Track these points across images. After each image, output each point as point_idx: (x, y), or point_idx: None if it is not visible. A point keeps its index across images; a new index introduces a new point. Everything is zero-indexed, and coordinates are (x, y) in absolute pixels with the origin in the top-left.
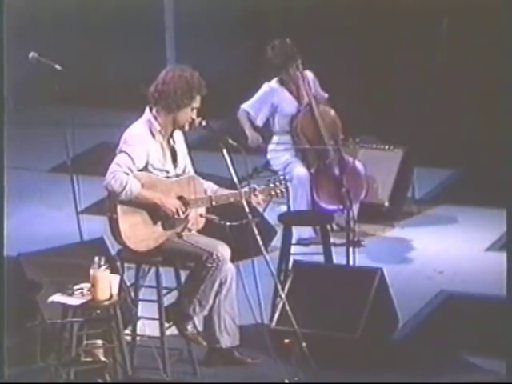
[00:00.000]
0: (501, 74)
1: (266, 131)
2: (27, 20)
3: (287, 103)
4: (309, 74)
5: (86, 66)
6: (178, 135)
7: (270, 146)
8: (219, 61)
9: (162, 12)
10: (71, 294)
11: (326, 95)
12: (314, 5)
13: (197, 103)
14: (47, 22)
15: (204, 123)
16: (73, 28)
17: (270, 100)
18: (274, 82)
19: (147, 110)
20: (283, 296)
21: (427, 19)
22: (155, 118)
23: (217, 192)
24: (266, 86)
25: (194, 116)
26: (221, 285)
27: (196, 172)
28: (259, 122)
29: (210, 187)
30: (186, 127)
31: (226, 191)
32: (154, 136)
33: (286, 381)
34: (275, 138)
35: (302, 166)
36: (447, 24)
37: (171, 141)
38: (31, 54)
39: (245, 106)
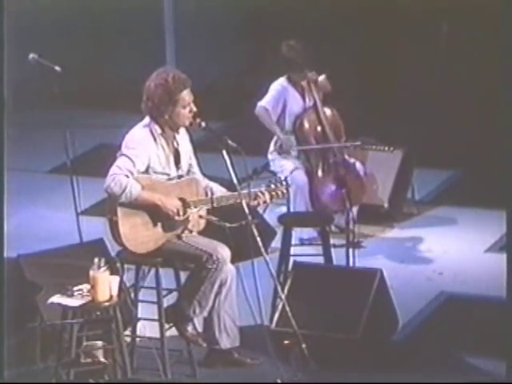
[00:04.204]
0: (500, 74)
1: (267, 132)
2: (27, 21)
3: (295, 102)
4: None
5: (86, 68)
6: (183, 135)
7: (273, 147)
8: (219, 61)
9: (162, 13)
10: (71, 295)
11: (323, 75)
12: (315, 5)
13: (186, 100)
14: (47, 23)
15: (203, 124)
16: (73, 29)
17: (282, 99)
18: (282, 81)
19: None
20: (283, 297)
21: (427, 20)
22: (155, 121)
23: (225, 194)
24: (277, 85)
25: (193, 109)
26: (221, 286)
27: (202, 172)
28: (275, 116)
29: (220, 190)
30: (187, 123)
31: (233, 194)
32: (155, 139)
33: (279, 381)
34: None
35: (301, 171)
36: (447, 25)
37: (175, 142)
38: (31, 56)
39: (262, 102)
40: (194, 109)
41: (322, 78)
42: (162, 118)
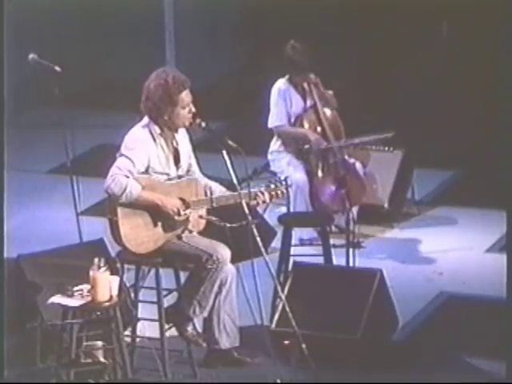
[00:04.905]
0: (500, 75)
1: (267, 132)
2: (27, 21)
3: (295, 103)
4: (312, 76)
5: (86, 67)
6: (182, 135)
7: (273, 147)
8: (219, 61)
9: (162, 12)
10: (71, 296)
11: (331, 92)
12: (315, 6)
13: (185, 100)
14: (47, 23)
15: (203, 125)
16: (73, 29)
17: (284, 102)
18: (282, 83)
19: None
20: (283, 297)
21: (427, 21)
22: (154, 121)
23: (225, 194)
24: (276, 90)
25: (193, 110)
26: (220, 286)
27: (201, 172)
28: (283, 123)
29: (219, 188)
30: (186, 123)
31: (234, 193)
32: (154, 139)
33: (278, 381)
34: (279, 139)
35: (301, 171)
36: (447, 25)
37: (174, 142)
38: (31, 56)
39: (275, 122)
40: (193, 109)
41: (329, 93)
42: (162, 118)
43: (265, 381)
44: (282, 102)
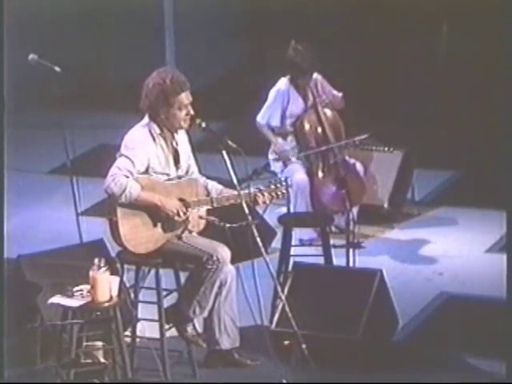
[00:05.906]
0: (501, 75)
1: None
2: (27, 21)
3: (295, 104)
4: (317, 76)
5: (86, 68)
6: (182, 135)
7: (273, 147)
8: (219, 61)
9: (162, 12)
10: (71, 296)
11: (340, 94)
12: (315, 6)
13: (182, 102)
14: (47, 23)
15: (203, 125)
16: (73, 29)
17: (279, 103)
18: (282, 83)
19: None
20: (283, 297)
21: (427, 21)
22: (154, 120)
23: (222, 192)
24: (274, 90)
25: (191, 112)
26: (221, 286)
27: (200, 172)
28: (276, 123)
29: (215, 187)
30: (183, 125)
31: (231, 191)
32: (154, 139)
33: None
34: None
35: (302, 171)
36: (447, 25)
37: (174, 142)
38: (31, 56)
39: (258, 117)
40: (192, 112)
41: (337, 95)
42: (159, 117)
43: (265, 381)
44: (278, 104)
